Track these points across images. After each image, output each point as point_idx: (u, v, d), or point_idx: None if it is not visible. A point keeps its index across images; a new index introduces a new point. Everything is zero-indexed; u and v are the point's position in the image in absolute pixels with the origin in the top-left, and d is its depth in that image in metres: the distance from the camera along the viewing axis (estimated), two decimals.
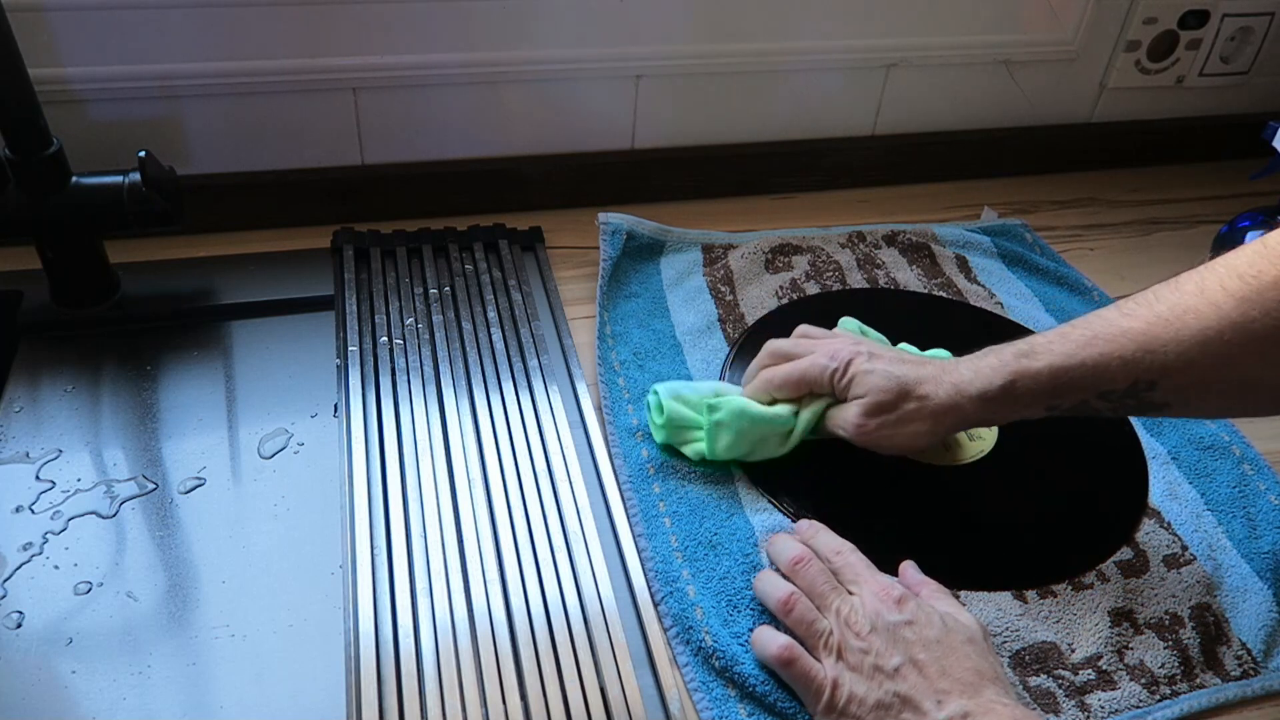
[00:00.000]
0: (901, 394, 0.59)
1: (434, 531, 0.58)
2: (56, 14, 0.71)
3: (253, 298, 0.75)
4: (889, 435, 0.60)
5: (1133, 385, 0.53)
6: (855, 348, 0.62)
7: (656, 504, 0.61)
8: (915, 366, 0.60)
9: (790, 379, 0.62)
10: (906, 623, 0.50)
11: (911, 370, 0.60)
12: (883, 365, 0.60)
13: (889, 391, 0.59)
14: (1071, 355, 0.55)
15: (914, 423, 0.59)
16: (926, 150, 0.98)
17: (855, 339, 0.64)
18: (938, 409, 0.58)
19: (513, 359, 0.71)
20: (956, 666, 0.48)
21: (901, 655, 0.49)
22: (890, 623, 0.50)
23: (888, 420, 0.59)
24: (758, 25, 0.87)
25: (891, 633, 0.50)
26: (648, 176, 0.91)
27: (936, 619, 0.51)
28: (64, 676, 0.50)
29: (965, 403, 0.58)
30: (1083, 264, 0.88)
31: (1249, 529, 0.62)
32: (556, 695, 0.50)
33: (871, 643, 0.50)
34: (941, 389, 0.58)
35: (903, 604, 0.51)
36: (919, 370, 0.60)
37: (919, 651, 0.49)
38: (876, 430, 0.60)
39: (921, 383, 0.59)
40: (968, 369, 0.58)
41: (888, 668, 0.49)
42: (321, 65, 0.78)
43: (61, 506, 0.59)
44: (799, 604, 0.53)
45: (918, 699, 0.47)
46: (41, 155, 0.65)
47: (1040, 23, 0.94)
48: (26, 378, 0.68)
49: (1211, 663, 0.55)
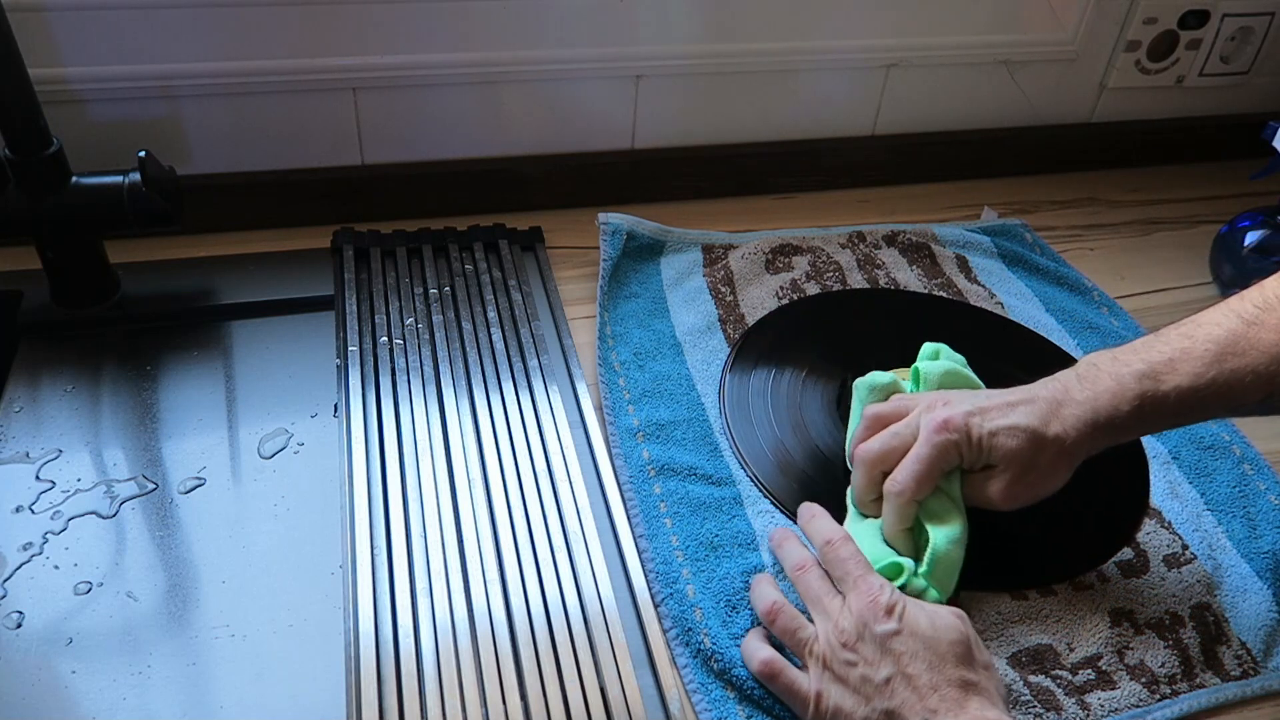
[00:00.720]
0: (1037, 446, 0.54)
1: (434, 531, 0.58)
2: (56, 14, 0.71)
3: (253, 298, 0.75)
4: (1036, 493, 0.55)
5: (1268, 398, 0.51)
6: (954, 413, 0.55)
7: (658, 504, 0.61)
8: (1028, 408, 0.55)
9: (921, 478, 0.55)
10: (895, 633, 0.49)
11: (1027, 414, 0.54)
12: (1001, 423, 0.54)
13: (1025, 451, 0.54)
14: (1200, 375, 0.52)
15: (1058, 470, 0.55)
16: (926, 150, 0.98)
17: (936, 396, 0.58)
18: (1074, 448, 0.54)
19: (513, 359, 0.71)
20: (944, 679, 0.47)
21: (891, 667, 0.48)
22: (878, 633, 0.49)
23: (1032, 480, 0.55)
24: (758, 25, 0.87)
25: (880, 643, 0.49)
26: (648, 176, 0.91)
27: (924, 622, 0.49)
28: (64, 676, 0.50)
29: (1097, 434, 0.54)
30: (1083, 264, 0.88)
31: (1249, 529, 0.62)
32: (556, 695, 0.50)
33: (860, 652, 0.49)
34: (1069, 425, 0.54)
35: (891, 611, 0.50)
36: (1034, 410, 0.55)
37: (908, 664, 0.48)
38: (1026, 494, 0.55)
39: (1047, 424, 0.54)
40: (1084, 396, 0.54)
41: (876, 679, 0.48)
42: (321, 65, 0.78)
43: (61, 506, 0.59)
44: (781, 613, 0.53)
45: (906, 716, 0.47)
46: (41, 155, 0.65)
47: (1040, 23, 0.94)
48: (26, 378, 0.68)
49: (1211, 662, 0.55)
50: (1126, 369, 0.54)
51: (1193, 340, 0.53)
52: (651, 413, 0.67)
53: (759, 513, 0.61)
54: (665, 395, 0.69)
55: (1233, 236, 0.85)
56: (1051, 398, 0.55)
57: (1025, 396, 0.56)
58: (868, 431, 0.59)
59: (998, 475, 0.55)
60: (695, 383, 0.71)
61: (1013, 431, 0.54)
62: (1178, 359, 0.53)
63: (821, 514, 0.58)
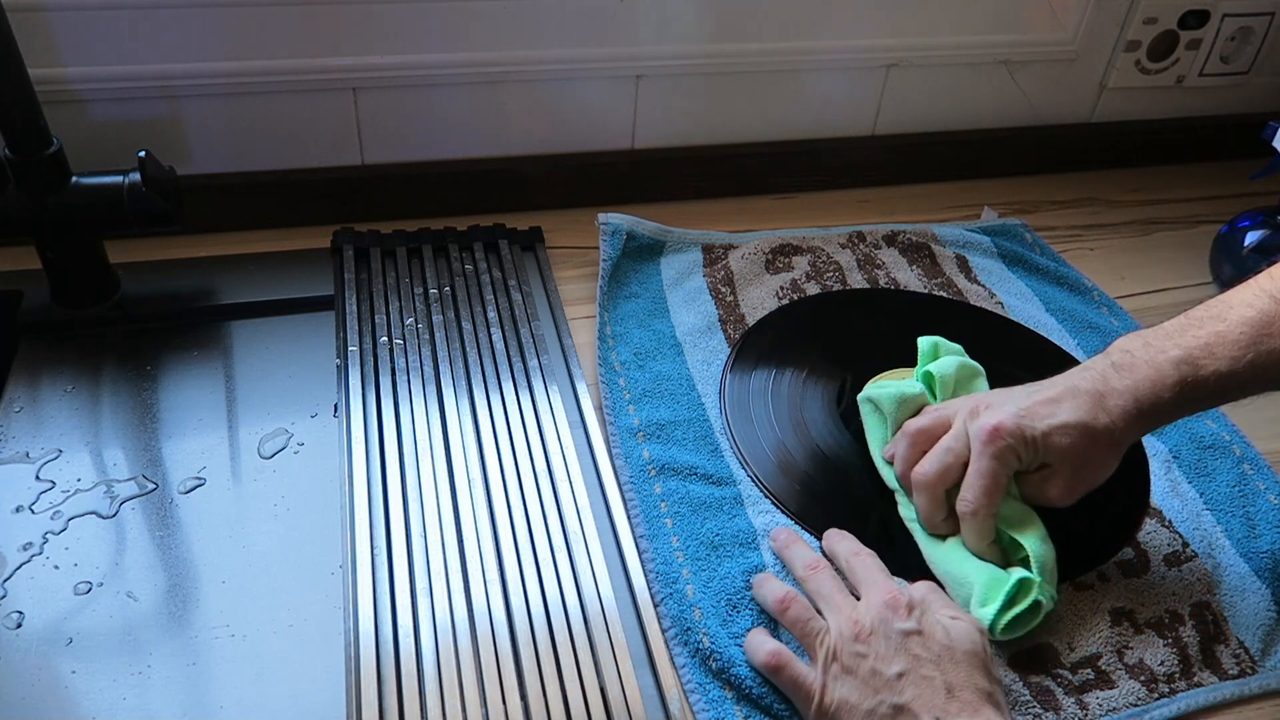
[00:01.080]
0: (1090, 440, 0.54)
1: (434, 531, 0.58)
2: (56, 14, 0.71)
3: (253, 298, 0.75)
4: (1091, 485, 0.56)
5: None
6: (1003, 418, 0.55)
7: (658, 504, 0.61)
8: (1073, 403, 0.55)
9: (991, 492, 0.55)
10: (915, 632, 0.49)
11: (1074, 410, 0.54)
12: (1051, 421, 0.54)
13: (1079, 446, 0.54)
14: (1238, 359, 0.53)
15: (1109, 461, 0.55)
16: (926, 150, 0.98)
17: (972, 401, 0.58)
18: (1124, 437, 0.55)
19: (513, 359, 0.71)
20: (961, 685, 0.47)
21: (904, 664, 0.48)
22: (896, 629, 0.49)
23: (1088, 474, 0.55)
24: (758, 25, 0.87)
25: (896, 639, 0.49)
26: (648, 176, 0.91)
27: (940, 630, 0.49)
28: (64, 676, 0.50)
29: (1143, 422, 0.55)
30: (1083, 264, 0.88)
31: (1248, 528, 0.62)
32: (556, 695, 0.50)
33: (872, 645, 0.49)
34: (1115, 416, 0.54)
35: (911, 612, 0.50)
36: (1080, 405, 0.55)
37: (925, 665, 0.48)
38: (1083, 488, 0.56)
39: (1095, 417, 0.54)
40: (1124, 385, 0.55)
41: (887, 673, 0.48)
42: (321, 65, 0.78)
43: (61, 506, 0.59)
44: (795, 603, 0.53)
45: (917, 712, 0.46)
46: (41, 155, 0.65)
47: (1040, 23, 0.94)
48: (26, 378, 0.68)
49: (1210, 661, 0.55)
50: (1163, 356, 0.54)
51: (1226, 324, 0.54)
52: (652, 413, 0.67)
53: (759, 513, 0.61)
54: (665, 395, 0.69)
55: (1233, 236, 0.85)
56: (1093, 390, 0.55)
57: (1066, 390, 0.56)
58: (914, 450, 0.58)
59: (1055, 474, 0.55)
60: (695, 383, 0.71)
61: (1065, 429, 0.54)
62: (1214, 343, 0.53)
63: (848, 535, 0.58)
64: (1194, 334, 0.55)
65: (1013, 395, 0.57)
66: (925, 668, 0.48)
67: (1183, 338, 0.55)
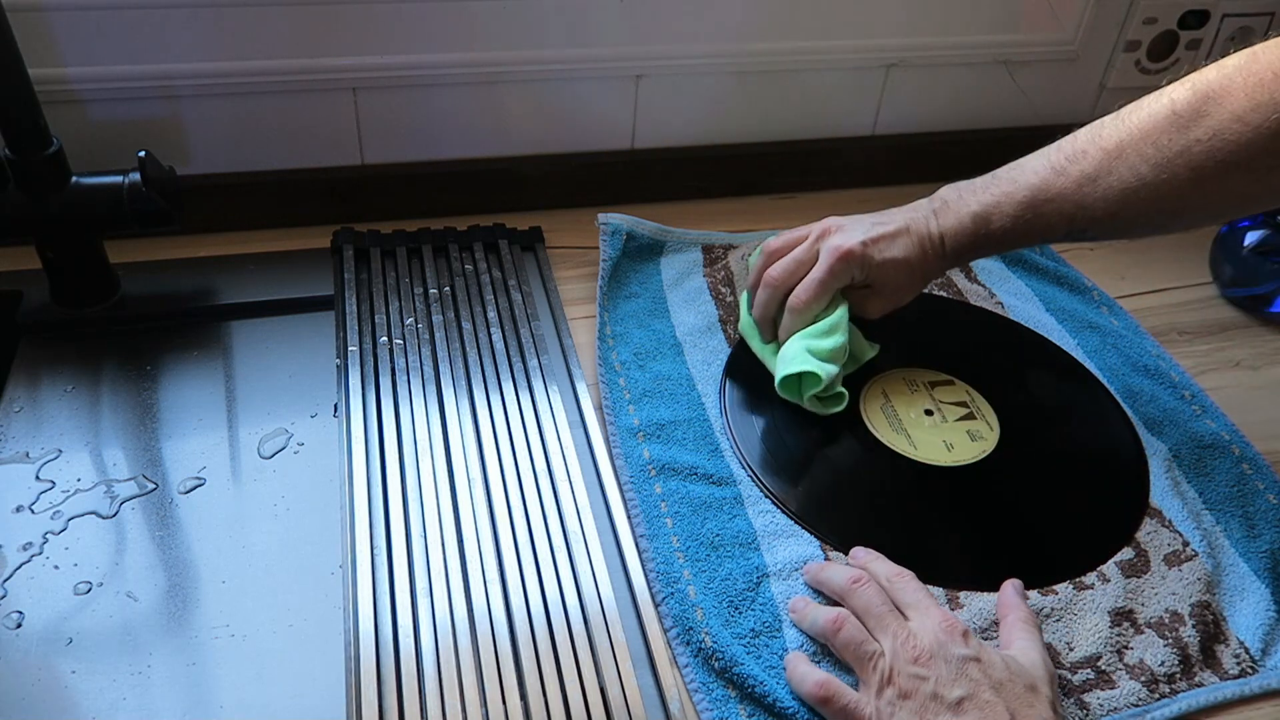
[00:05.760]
0: (909, 273, 0.66)
1: (434, 531, 0.58)
2: (56, 14, 0.71)
3: (253, 298, 0.75)
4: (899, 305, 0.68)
5: (1069, 233, 0.63)
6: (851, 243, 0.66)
7: (658, 504, 0.61)
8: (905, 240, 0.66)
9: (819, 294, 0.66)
10: (974, 658, 0.48)
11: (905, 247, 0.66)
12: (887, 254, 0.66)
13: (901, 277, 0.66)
14: (1019, 217, 0.63)
15: (917, 287, 0.68)
16: (926, 150, 0.98)
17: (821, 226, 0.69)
18: (932, 272, 0.67)
19: (513, 359, 0.71)
20: (1024, 715, 0.46)
21: (966, 688, 0.46)
22: (956, 655, 0.48)
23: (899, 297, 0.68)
24: (758, 25, 0.87)
25: (957, 664, 0.47)
26: (648, 176, 0.91)
27: (999, 660, 0.48)
28: (64, 676, 0.50)
29: (946, 261, 0.67)
30: (1083, 264, 0.88)
31: (1247, 528, 0.62)
32: (556, 695, 0.50)
33: (933, 669, 0.47)
34: (930, 255, 0.66)
35: (969, 639, 0.49)
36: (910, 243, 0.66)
37: (986, 692, 0.46)
38: (891, 308, 0.68)
39: (917, 255, 0.66)
40: (937, 230, 0.66)
41: (949, 698, 0.46)
42: (321, 65, 0.78)
43: (61, 506, 0.59)
44: (847, 624, 0.51)
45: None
46: (41, 155, 0.65)
47: (1040, 23, 0.94)
48: (26, 378, 0.68)
49: (1210, 661, 0.55)
50: (966, 209, 0.65)
51: (1015, 186, 0.63)
52: (652, 413, 0.67)
53: (760, 512, 0.61)
54: (666, 395, 0.69)
55: (1233, 236, 0.85)
56: (920, 232, 0.66)
57: (901, 228, 0.66)
58: (767, 260, 0.69)
59: (876, 294, 0.68)
60: (696, 383, 0.71)
61: (894, 264, 0.66)
62: (1003, 202, 0.64)
63: (880, 556, 0.57)
64: (992, 192, 0.64)
65: (860, 223, 0.67)
66: (986, 692, 0.47)
67: (984, 194, 0.65)
